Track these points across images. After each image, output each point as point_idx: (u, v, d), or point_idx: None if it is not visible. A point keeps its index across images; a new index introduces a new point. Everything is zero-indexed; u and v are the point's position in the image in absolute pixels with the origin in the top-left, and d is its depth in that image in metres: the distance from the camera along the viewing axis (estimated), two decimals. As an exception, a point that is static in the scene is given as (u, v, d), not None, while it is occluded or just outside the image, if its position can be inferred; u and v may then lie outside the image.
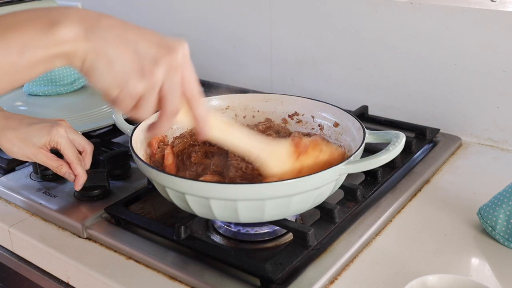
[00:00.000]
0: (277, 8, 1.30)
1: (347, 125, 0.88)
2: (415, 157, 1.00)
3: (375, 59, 1.19)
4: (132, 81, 0.54)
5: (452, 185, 0.94)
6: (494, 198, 0.79)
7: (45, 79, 1.20)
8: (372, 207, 0.85)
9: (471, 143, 1.10)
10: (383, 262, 0.75)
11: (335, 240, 0.78)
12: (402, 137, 0.76)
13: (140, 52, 0.54)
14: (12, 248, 0.88)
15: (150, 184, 0.89)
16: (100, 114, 1.13)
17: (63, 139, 0.85)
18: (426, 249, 0.77)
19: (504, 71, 1.04)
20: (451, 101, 1.12)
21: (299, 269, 0.72)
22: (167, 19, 1.53)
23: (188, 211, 0.76)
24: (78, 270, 0.77)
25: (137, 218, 0.82)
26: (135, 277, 0.74)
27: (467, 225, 0.82)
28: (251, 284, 0.70)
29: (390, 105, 1.20)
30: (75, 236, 0.84)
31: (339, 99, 1.25)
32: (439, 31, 1.09)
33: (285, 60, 1.33)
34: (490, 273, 0.72)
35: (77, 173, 0.86)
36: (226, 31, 1.42)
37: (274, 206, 0.71)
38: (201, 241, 0.76)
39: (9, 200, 0.94)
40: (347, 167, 0.72)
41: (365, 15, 1.17)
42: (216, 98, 0.98)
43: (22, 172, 1.00)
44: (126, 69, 0.54)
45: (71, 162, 0.86)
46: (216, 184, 0.71)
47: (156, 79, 0.55)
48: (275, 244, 0.79)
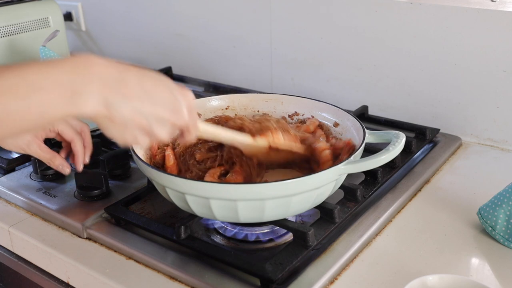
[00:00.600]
0: (277, 8, 1.30)
1: (347, 125, 0.88)
2: (415, 157, 1.00)
3: (375, 59, 1.19)
4: (141, 137, 0.62)
5: (452, 185, 0.94)
6: (494, 198, 0.79)
7: (45, 79, 1.20)
8: (372, 207, 0.85)
9: (471, 143, 1.10)
10: (383, 262, 0.75)
11: (335, 240, 0.78)
12: (402, 137, 0.76)
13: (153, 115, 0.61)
14: (12, 248, 0.88)
15: (150, 184, 0.89)
16: (100, 114, 1.13)
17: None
18: (426, 249, 0.77)
19: (504, 71, 1.04)
20: (451, 101, 1.12)
21: (299, 269, 0.72)
22: (167, 19, 1.53)
23: (188, 211, 0.76)
24: (78, 270, 0.77)
25: (137, 218, 0.82)
26: (135, 277, 0.74)
27: (467, 225, 0.82)
28: (251, 284, 0.70)
29: (390, 105, 1.20)
30: (75, 236, 0.84)
31: (339, 99, 1.25)
32: (439, 31, 1.09)
33: (285, 60, 1.33)
34: (490, 273, 0.72)
35: (76, 151, 0.86)
36: (226, 31, 1.42)
37: (274, 206, 0.71)
38: (201, 241, 0.76)
39: (9, 200, 0.94)
40: (347, 167, 0.72)
41: (365, 15, 1.17)
42: (216, 98, 0.98)
43: (22, 172, 1.00)
44: (136, 130, 0.61)
45: (72, 140, 0.86)
46: (216, 184, 0.71)
47: (160, 136, 0.63)
48: (275, 244, 0.79)
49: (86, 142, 0.89)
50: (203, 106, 0.96)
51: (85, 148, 0.89)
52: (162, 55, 1.58)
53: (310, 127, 0.90)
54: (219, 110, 0.97)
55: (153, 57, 1.60)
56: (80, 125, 0.89)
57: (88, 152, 0.89)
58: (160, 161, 0.84)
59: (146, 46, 1.61)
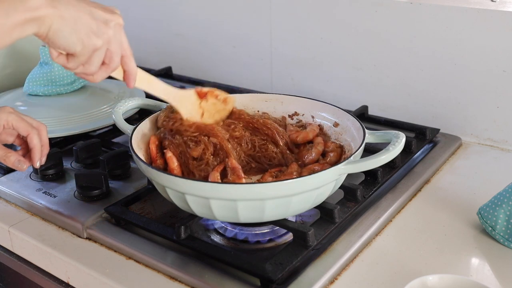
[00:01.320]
0: (277, 8, 1.30)
1: (347, 125, 0.88)
2: (415, 157, 1.00)
3: (375, 59, 1.19)
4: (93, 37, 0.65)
5: (452, 185, 0.94)
6: (494, 198, 0.79)
7: (45, 79, 1.20)
8: (372, 207, 0.85)
9: (471, 143, 1.10)
10: (383, 262, 0.75)
11: (335, 240, 0.78)
12: (402, 137, 0.76)
13: (94, 15, 0.66)
14: (12, 248, 0.88)
15: (150, 184, 0.89)
16: (100, 114, 1.13)
17: (12, 115, 0.81)
18: (426, 249, 0.77)
19: (504, 71, 1.04)
20: (451, 101, 1.12)
21: (299, 269, 0.72)
22: (167, 19, 1.53)
23: (188, 211, 0.76)
24: (78, 270, 0.77)
25: (137, 218, 0.81)
26: (135, 277, 0.74)
27: (467, 225, 0.82)
28: (251, 284, 0.70)
29: (390, 105, 1.20)
30: (75, 236, 0.84)
31: (339, 99, 1.25)
32: (439, 31, 1.09)
33: (285, 60, 1.33)
34: (490, 273, 0.72)
35: (33, 145, 0.81)
36: (226, 31, 1.42)
37: (274, 206, 0.71)
38: (201, 241, 0.76)
39: (9, 200, 0.94)
40: (347, 167, 0.72)
41: (365, 15, 1.17)
42: (216, 98, 0.98)
43: (22, 172, 0.99)
44: (86, 29, 0.65)
45: (28, 134, 0.81)
46: (216, 184, 0.71)
47: (109, 35, 0.67)
48: (275, 244, 0.79)
49: (42, 141, 0.84)
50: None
51: (42, 147, 0.83)
52: (162, 55, 1.58)
53: (309, 135, 0.90)
54: (219, 110, 0.97)
55: (153, 57, 1.60)
56: (36, 123, 0.84)
57: (45, 151, 0.84)
58: (161, 166, 0.83)
59: (146, 46, 1.61)
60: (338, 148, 0.86)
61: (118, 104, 0.93)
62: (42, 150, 0.83)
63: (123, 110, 0.92)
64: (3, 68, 1.33)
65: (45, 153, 0.84)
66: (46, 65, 1.20)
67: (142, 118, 0.90)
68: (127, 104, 0.93)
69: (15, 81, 1.33)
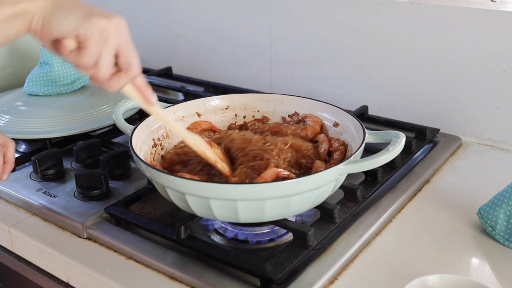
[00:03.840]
0: (277, 8, 1.30)
1: (347, 125, 0.88)
2: (415, 157, 1.00)
3: (375, 59, 1.19)
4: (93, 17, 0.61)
5: (452, 185, 0.94)
6: (494, 198, 0.79)
7: (45, 79, 1.20)
8: (372, 207, 0.85)
9: (471, 143, 1.10)
10: (383, 262, 0.75)
11: (335, 240, 0.78)
12: (402, 137, 0.76)
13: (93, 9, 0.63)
14: (12, 248, 0.88)
15: (150, 184, 0.89)
16: (100, 114, 1.13)
17: None
18: (426, 249, 0.77)
19: (504, 71, 1.04)
20: (451, 101, 1.12)
21: (299, 269, 0.72)
22: (167, 19, 1.53)
23: (188, 211, 0.76)
24: (78, 270, 0.77)
25: (137, 218, 0.82)
26: (135, 277, 0.74)
27: (467, 225, 0.82)
28: (251, 284, 0.70)
29: (390, 105, 1.20)
30: (75, 236, 0.84)
31: (339, 99, 1.25)
32: (439, 31, 1.09)
33: (285, 60, 1.33)
34: (490, 273, 0.72)
35: None
36: (226, 31, 1.42)
37: (274, 206, 0.71)
38: (201, 241, 0.76)
39: (9, 200, 0.94)
40: (347, 167, 0.72)
41: (365, 15, 1.17)
42: (216, 98, 0.98)
43: (22, 172, 1.00)
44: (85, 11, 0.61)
45: None
46: (216, 184, 0.71)
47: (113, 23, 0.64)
48: (275, 244, 0.79)
49: (6, 157, 0.83)
50: (203, 106, 0.96)
51: (5, 163, 0.83)
52: (162, 55, 1.58)
53: (316, 127, 0.90)
54: (219, 110, 0.97)
55: (153, 57, 1.60)
56: (3, 139, 0.84)
57: (7, 168, 0.83)
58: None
59: (146, 46, 1.61)
60: (342, 146, 0.86)
61: (118, 104, 0.93)
62: (5, 167, 0.83)
63: (123, 110, 0.92)
64: (3, 68, 1.33)
65: (8, 169, 0.84)
66: (46, 65, 1.20)
67: (142, 118, 0.90)
68: (127, 104, 0.94)
69: (15, 81, 1.33)
